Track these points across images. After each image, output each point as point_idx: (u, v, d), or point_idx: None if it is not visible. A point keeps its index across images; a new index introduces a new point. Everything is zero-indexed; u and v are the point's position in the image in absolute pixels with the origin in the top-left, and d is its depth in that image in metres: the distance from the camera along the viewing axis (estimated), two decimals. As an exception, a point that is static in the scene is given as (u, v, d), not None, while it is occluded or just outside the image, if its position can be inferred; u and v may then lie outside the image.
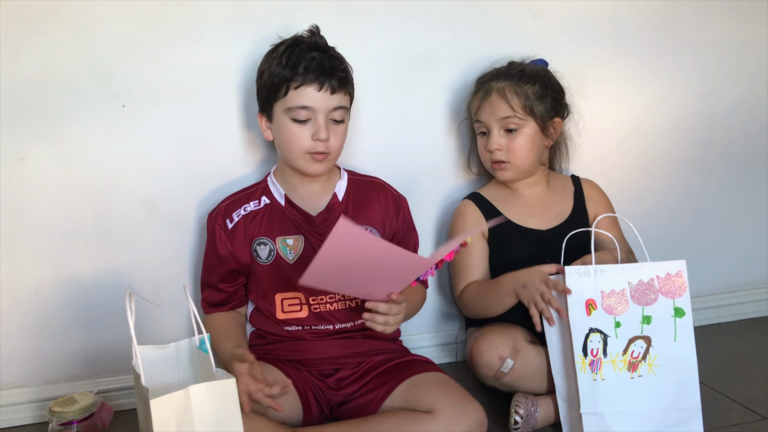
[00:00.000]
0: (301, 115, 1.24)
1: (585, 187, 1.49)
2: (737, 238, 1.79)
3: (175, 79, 1.37)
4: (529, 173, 1.44)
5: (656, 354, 1.23)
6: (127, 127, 1.36)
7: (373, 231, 1.33)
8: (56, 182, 1.35)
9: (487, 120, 1.40)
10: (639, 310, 1.23)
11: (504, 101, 1.37)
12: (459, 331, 1.62)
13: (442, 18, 1.49)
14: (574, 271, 1.22)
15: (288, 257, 1.30)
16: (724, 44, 1.68)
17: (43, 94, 1.31)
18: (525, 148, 1.39)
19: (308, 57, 1.23)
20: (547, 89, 1.40)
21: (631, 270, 1.24)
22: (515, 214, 1.43)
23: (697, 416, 1.22)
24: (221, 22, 1.37)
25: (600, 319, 1.22)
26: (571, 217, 1.44)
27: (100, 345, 1.41)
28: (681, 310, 1.24)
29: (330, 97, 1.23)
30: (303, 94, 1.23)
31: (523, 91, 1.38)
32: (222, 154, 1.42)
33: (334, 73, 1.24)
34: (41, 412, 1.37)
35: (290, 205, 1.32)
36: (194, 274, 1.42)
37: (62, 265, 1.37)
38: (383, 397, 1.24)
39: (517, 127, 1.38)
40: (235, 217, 1.31)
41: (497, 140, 1.39)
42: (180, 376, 1.06)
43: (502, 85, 1.39)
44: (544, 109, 1.39)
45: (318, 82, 1.22)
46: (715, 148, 1.73)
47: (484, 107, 1.40)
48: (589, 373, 1.21)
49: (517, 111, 1.37)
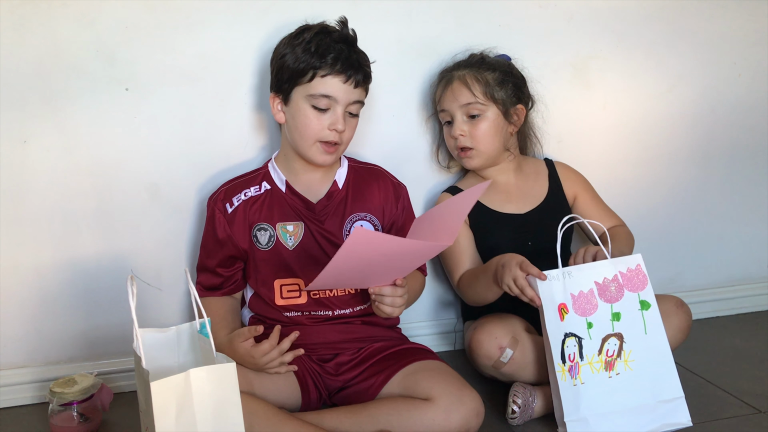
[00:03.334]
0: (322, 103, 1.25)
1: (559, 169, 1.52)
2: (737, 232, 1.79)
3: (179, 63, 1.37)
4: (494, 160, 1.46)
5: (630, 349, 1.23)
6: (130, 111, 1.36)
7: (372, 219, 1.34)
8: (59, 165, 1.35)
9: (450, 107, 1.42)
10: (608, 308, 1.23)
11: (465, 87, 1.40)
12: (458, 320, 1.63)
13: (448, 6, 1.49)
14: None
15: (288, 243, 1.30)
16: (728, 38, 1.67)
17: (47, 76, 1.31)
18: (488, 134, 1.41)
19: (338, 48, 1.24)
20: (508, 75, 1.43)
21: (596, 268, 1.25)
22: (493, 202, 1.45)
23: (682, 405, 1.23)
24: (226, 7, 1.37)
25: (573, 322, 1.22)
26: (548, 198, 1.47)
27: (101, 327, 1.42)
28: (646, 303, 1.25)
29: (353, 90, 1.25)
30: (328, 84, 1.24)
31: (484, 78, 1.40)
32: (225, 139, 1.42)
33: (360, 67, 1.26)
34: (42, 393, 1.38)
35: (291, 192, 1.32)
36: (195, 258, 1.42)
37: (64, 247, 1.38)
38: (381, 384, 1.24)
39: (480, 113, 1.41)
40: (236, 202, 1.31)
41: (460, 126, 1.42)
42: (180, 360, 1.06)
43: (462, 73, 1.42)
44: (505, 95, 1.42)
45: (345, 74, 1.23)
46: (717, 142, 1.72)
47: (446, 95, 1.42)
48: (569, 380, 1.21)
49: (479, 96, 1.39)
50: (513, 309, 1.38)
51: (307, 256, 1.30)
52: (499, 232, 1.43)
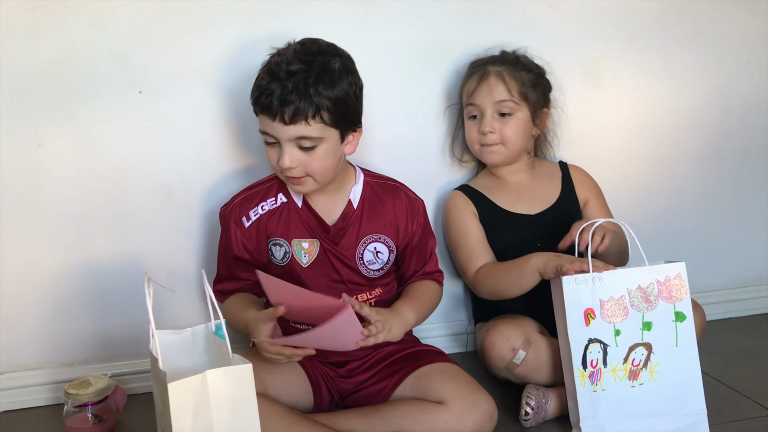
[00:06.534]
0: (268, 138, 1.19)
1: (573, 172, 1.51)
2: (750, 232, 1.78)
3: (191, 66, 1.37)
4: (514, 159, 1.46)
5: (657, 361, 1.21)
6: (143, 113, 1.37)
7: (386, 240, 1.30)
8: (73, 167, 1.36)
9: (482, 102, 1.41)
10: (639, 317, 1.20)
11: (502, 84, 1.39)
12: (470, 321, 1.62)
13: (458, 8, 1.49)
14: (571, 280, 1.18)
15: (302, 260, 1.27)
16: (741, 38, 1.66)
17: (61, 79, 1.32)
18: (516, 134, 1.41)
19: (264, 85, 1.15)
20: (541, 78, 1.44)
21: (630, 275, 1.21)
22: (503, 201, 1.45)
23: (703, 420, 1.21)
24: (238, 10, 1.37)
25: (599, 328, 1.19)
26: (559, 201, 1.46)
27: (115, 329, 1.43)
28: (682, 315, 1.22)
29: (285, 127, 1.14)
30: (262, 121, 1.18)
31: (519, 77, 1.40)
32: (236, 142, 1.43)
33: (287, 103, 1.13)
34: (57, 394, 1.39)
35: (307, 208, 1.28)
36: (208, 259, 1.43)
37: (78, 249, 1.38)
38: (394, 387, 1.24)
39: (511, 112, 1.40)
40: (252, 216, 1.28)
41: (491, 123, 1.40)
42: (195, 361, 1.06)
43: (499, 69, 1.41)
44: (536, 97, 1.42)
45: (270, 112, 1.14)
46: (730, 143, 1.71)
47: (481, 89, 1.41)
48: (588, 386, 1.19)
49: (514, 95, 1.39)
50: (525, 311, 1.38)
51: (320, 274, 1.28)
52: (508, 231, 1.43)
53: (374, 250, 1.30)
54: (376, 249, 1.30)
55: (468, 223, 1.44)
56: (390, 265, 1.32)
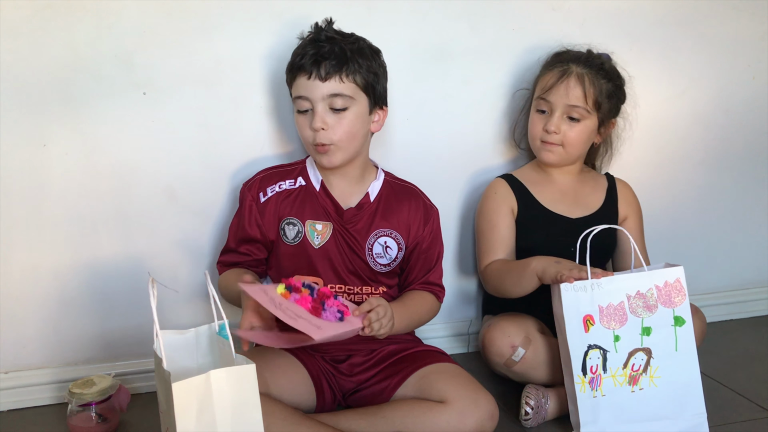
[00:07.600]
0: (301, 105, 1.25)
1: (619, 186, 1.50)
2: (751, 234, 1.78)
3: (196, 67, 1.38)
4: (571, 162, 1.45)
5: (657, 365, 1.21)
6: (147, 115, 1.37)
7: (397, 237, 1.33)
8: (77, 168, 1.36)
9: (555, 101, 1.38)
10: (638, 322, 1.21)
11: (581, 88, 1.37)
12: (471, 321, 1.63)
13: (461, 10, 1.49)
14: (570, 287, 1.19)
15: (314, 242, 1.30)
16: (742, 41, 1.67)
17: (65, 80, 1.33)
18: (580, 140, 1.40)
19: (301, 50, 1.25)
20: (618, 90, 1.42)
21: (628, 281, 1.21)
22: (546, 198, 1.44)
23: (703, 423, 1.22)
24: (242, 12, 1.38)
25: (598, 334, 1.20)
26: (601, 210, 1.45)
27: (118, 329, 1.43)
28: (681, 319, 1.22)
29: (321, 84, 1.22)
30: (299, 84, 1.25)
31: (599, 85, 1.38)
32: (240, 143, 1.43)
33: (323, 59, 1.22)
34: (60, 393, 1.40)
35: (325, 192, 1.32)
36: (212, 260, 1.44)
37: (82, 249, 1.39)
38: (396, 386, 1.25)
39: (580, 118, 1.38)
40: (269, 192, 1.32)
41: (558, 123, 1.38)
42: (199, 361, 1.07)
43: (582, 72, 1.38)
44: (608, 108, 1.40)
45: (306, 70, 1.22)
46: (731, 145, 1.72)
47: (559, 88, 1.38)
48: (588, 392, 1.19)
49: (588, 103, 1.37)
50: (529, 310, 1.38)
51: (330, 257, 1.30)
52: (544, 229, 1.42)
53: (384, 244, 1.32)
54: (386, 243, 1.32)
55: (501, 216, 1.42)
56: (397, 263, 1.34)
